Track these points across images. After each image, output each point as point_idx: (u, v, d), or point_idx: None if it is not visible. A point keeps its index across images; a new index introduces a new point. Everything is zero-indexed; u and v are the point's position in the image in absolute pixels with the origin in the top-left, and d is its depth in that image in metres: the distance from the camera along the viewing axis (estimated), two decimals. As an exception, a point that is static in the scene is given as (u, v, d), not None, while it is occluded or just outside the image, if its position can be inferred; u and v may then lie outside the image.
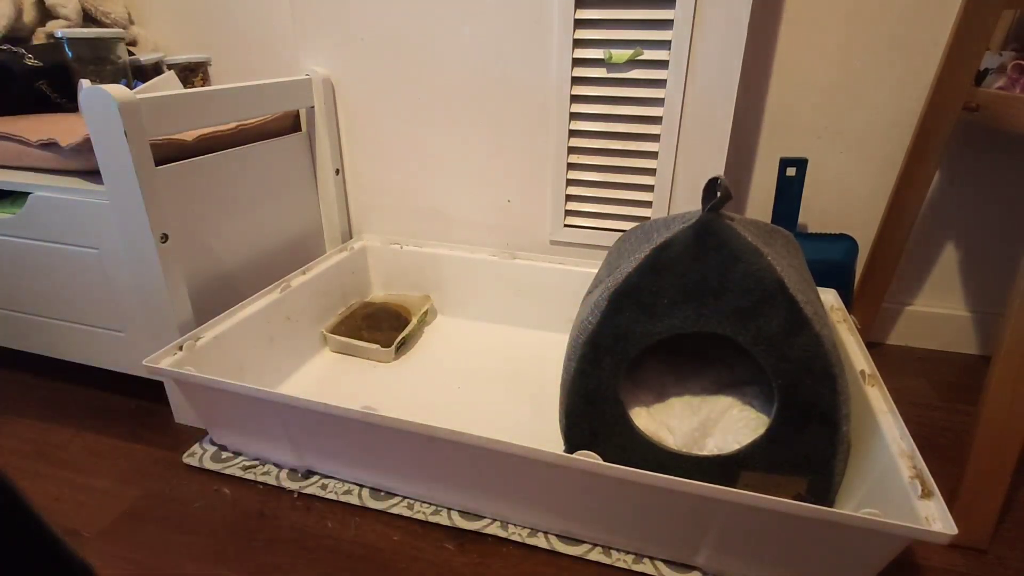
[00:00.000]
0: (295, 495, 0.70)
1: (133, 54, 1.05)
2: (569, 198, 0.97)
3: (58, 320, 0.83)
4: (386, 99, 0.99)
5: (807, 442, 0.58)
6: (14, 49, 0.97)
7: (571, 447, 0.64)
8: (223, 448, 0.76)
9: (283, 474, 0.72)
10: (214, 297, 0.84)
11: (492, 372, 0.89)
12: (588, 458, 0.55)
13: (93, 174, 0.72)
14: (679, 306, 0.58)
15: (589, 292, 0.70)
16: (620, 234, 0.76)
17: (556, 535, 0.64)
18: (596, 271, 0.74)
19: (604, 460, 0.54)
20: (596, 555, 0.62)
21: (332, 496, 0.69)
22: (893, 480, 0.54)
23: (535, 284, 0.99)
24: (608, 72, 0.86)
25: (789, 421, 0.58)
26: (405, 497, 0.69)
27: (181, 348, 0.71)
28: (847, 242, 0.93)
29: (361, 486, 0.70)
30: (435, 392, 0.85)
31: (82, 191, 0.72)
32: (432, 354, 0.95)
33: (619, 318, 0.59)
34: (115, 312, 0.78)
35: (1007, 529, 0.66)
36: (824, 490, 0.59)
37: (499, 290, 1.01)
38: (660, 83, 0.85)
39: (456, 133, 0.99)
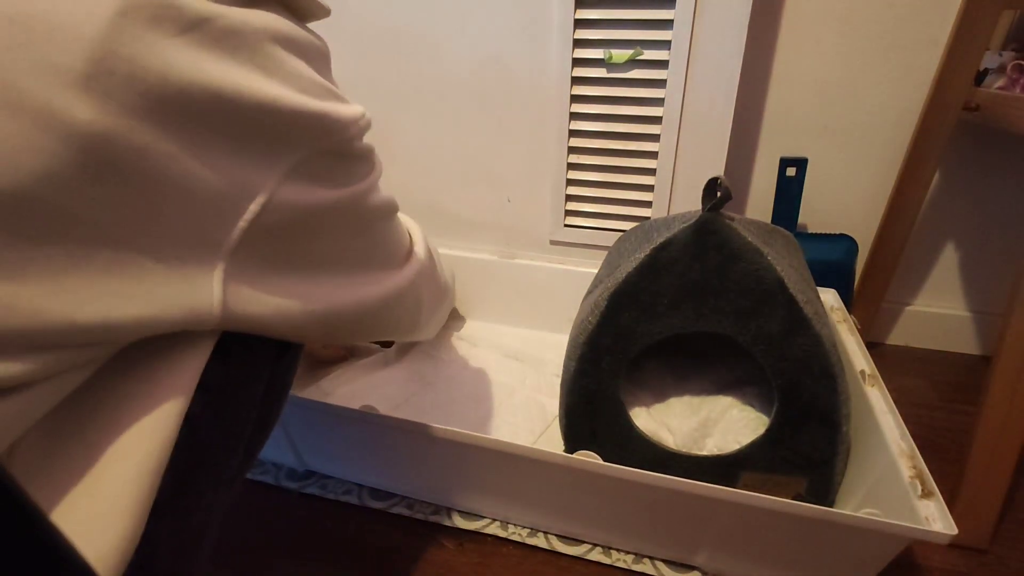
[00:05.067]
0: (294, 495, 0.70)
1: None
2: (569, 198, 0.97)
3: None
4: (385, 98, 0.99)
5: (807, 442, 0.58)
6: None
7: (571, 447, 0.64)
8: (223, 448, 0.76)
9: (283, 474, 0.72)
10: (214, 297, 0.83)
11: (492, 372, 0.89)
12: (588, 458, 0.55)
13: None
14: (679, 306, 0.58)
15: (589, 292, 0.70)
16: (620, 234, 0.76)
17: (556, 535, 0.64)
18: (596, 271, 0.74)
19: (604, 460, 0.54)
20: (596, 555, 0.62)
21: (332, 496, 0.69)
22: (893, 480, 0.54)
23: (535, 284, 0.99)
24: (608, 72, 0.86)
25: (789, 421, 0.57)
26: (405, 497, 0.69)
27: (181, 348, 0.71)
28: (847, 242, 0.93)
29: (361, 486, 0.70)
30: (435, 392, 0.85)
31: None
32: (432, 354, 0.95)
33: (619, 318, 0.59)
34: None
35: (1007, 529, 0.66)
36: (824, 490, 0.59)
37: (499, 290, 1.01)
38: (660, 83, 0.85)
39: (456, 133, 0.99)
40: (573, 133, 0.92)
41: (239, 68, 0.30)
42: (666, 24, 0.81)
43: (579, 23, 0.84)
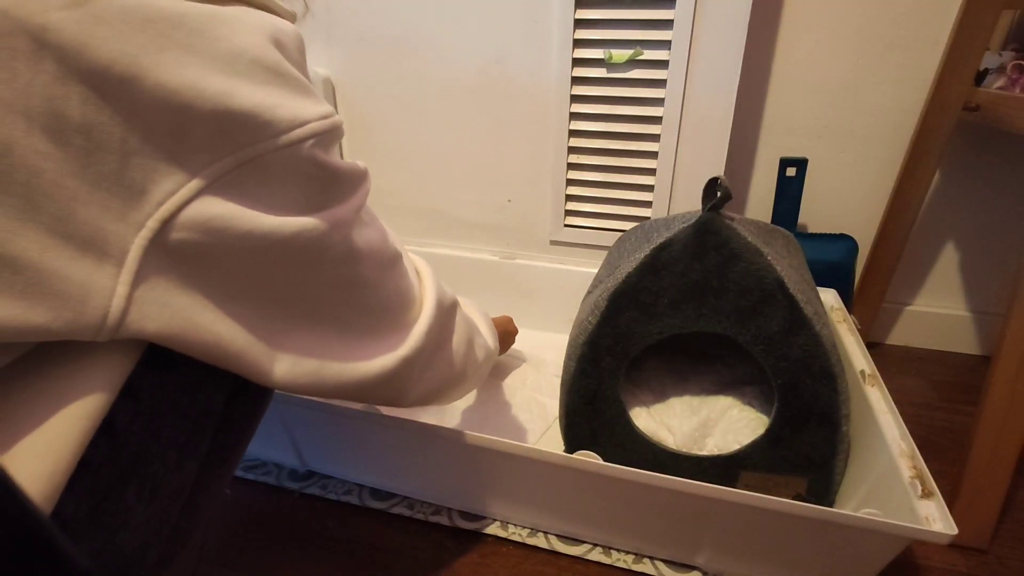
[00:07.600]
0: (296, 495, 0.70)
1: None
2: (569, 198, 0.97)
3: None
4: (386, 99, 0.99)
5: (807, 442, 0.58)
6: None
7: (571, 447, 0.64)
8: (223, 448, 0.76)
9: (284, 474, 0.72)
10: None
11: (492, 372, 0.89)
12: (588, 458, 0.55)
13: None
14: (679, 306, 0.58)
15: (589, 292, 0.70)
16: (620, 234, 0.76)
17: (556, 535, 0.64)
18: (596, 271, 0.74)
19: (604, 460, 0.54)
20: (596, 555, 0.62)
21: (332, 496, 0.69)
22: (893, 480, 0.54)
23: (535, 284, 0.99)
24: (608, 72, 0.86)
25: (789, 421, 0.58)
26: (405, 497, 0.69)
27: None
28: (847, 242, 0.93)
29: (361, 486, 0.70)
30: (435, 392, 0.85)
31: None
32: (432, 354, 0.95)
33: (619, 318, 0.59)
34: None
35: (1007, 529, 0.66)
36: (824, 490, 0.59)
37: (499, 290, 1.01)
38: (660, 83, 0.85)
39: (456, 133, 0.99)
40: (573, 133, 0.92)
41: (145, 43, 0.25)
42: (666, 24, 0.81)
43: (579, 23, 0.84)
